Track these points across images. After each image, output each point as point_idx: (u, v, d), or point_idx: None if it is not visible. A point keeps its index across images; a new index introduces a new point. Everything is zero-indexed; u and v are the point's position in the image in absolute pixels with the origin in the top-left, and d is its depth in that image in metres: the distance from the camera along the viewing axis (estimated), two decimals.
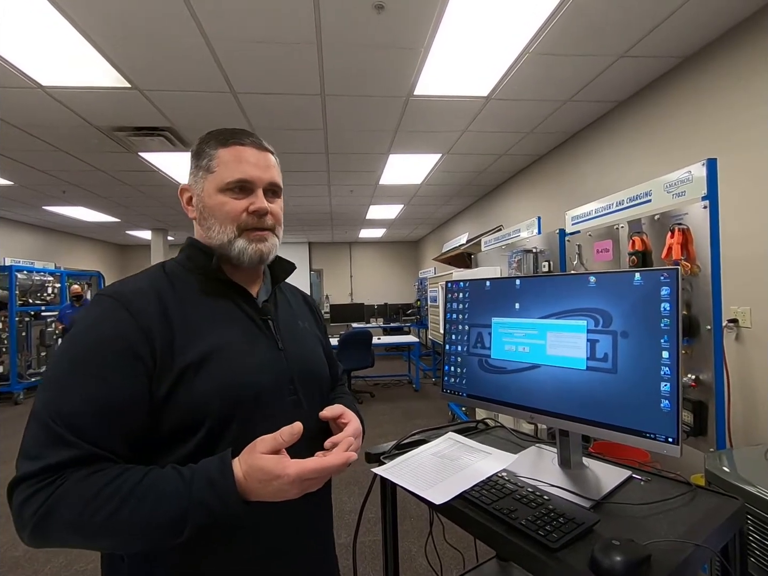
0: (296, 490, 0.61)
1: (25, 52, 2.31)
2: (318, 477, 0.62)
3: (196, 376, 0.66)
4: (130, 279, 0.74)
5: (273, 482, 0.59)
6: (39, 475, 0.56)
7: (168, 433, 0.65)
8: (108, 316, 0.65)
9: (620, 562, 0.60)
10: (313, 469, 0.60)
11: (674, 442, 0.72)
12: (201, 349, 0.68)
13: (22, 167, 4.25)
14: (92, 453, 0.58)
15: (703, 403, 1.58)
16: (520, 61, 2.52)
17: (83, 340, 0.64)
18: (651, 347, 0.76)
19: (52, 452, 0.57)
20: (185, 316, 0.70)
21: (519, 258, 2.99)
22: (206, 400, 0.66)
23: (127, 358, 0.63)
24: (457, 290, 1.12)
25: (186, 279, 0.75)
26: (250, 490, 0.60)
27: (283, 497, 0.61)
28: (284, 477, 0.58)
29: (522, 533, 0.71)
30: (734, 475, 1.12)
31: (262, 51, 2.36)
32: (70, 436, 0.58)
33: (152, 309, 0.67)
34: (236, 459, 0.62)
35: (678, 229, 1.63)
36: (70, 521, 0.55)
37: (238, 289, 0.78)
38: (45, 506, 0.55)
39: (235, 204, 0.75)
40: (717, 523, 0.73)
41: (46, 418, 0.58)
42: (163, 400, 0.64)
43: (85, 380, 0.61)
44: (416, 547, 2.35)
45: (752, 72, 2.11)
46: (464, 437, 1.11)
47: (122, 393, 0.62)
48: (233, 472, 0.59)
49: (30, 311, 6.27)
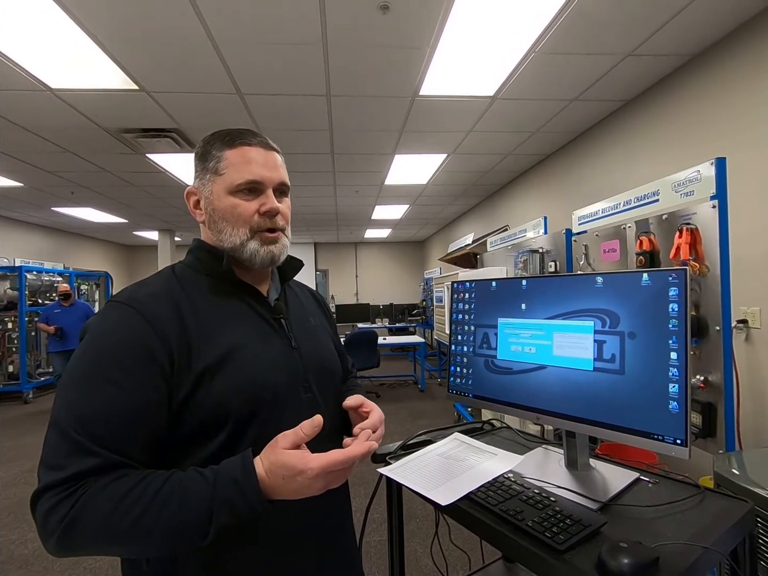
0: (320, 485, 0.60)
1: (35, 56, 2.34)
2: (342, 469, 0.61)
3: (215, 379, 0.66)
4: (142, 284, 0.74)
5: (297, 478, 0.58)
6: (62, 485, 0.56)
7: (188, 436, 0.65)
8: (123, 321, 0.65)
9: (628, 565, 0.60)
10: (337, 460, 0.59)
11: (683, 443, 0.72)
12: (218, 352, 0.68)
13: (32, 169, 4.30)
14: (114, 460, 0.58)
15: (712, 405, 1.57)
16: (526, 61, 2.51)
17: (100, 347, 0.64)
18: (659, 348, 0.75)
19: (74, 461, 0.57)
20: (199, 319, 0.70)
21: (525, 258, 2.98)
22: (226, 402, 0.66)
23: (145, 363, 0.63)
24: (463, 291, 1.12)
25: (197, 281, 0.75)
26: (273, 488, 0.59)
27: (306, 493, 0.60)
28: (308, 471, 0.57)
29: (528, 534, 0.71)
30: (743, 477, 1.10)
31: (268, 52, 2.37)
32: (91, 445, 0.58)
33: (167, 313, 0.67)
34: (258, 457, 0.61)
35: (686, 228, 1.61)
36: (96, 529, 0.55)
37: (249, 289, 0.78)
38: (69, 516, 0.55)
39: (247, 206, 0.74)
40: (726, 526, 0.72)
41: (66, 427, 0.58)
42: (182, 403, 0.64)
43: (104, 386, 0.61)
44: (422, 548, 2.34)
45: (759, 71, 2.09)
46: (470, 438, 1.11)
47: (141, 398, 0.62)
48: (255, 470, 0.59)
49: (40, 311, 6.34)
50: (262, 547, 0.69)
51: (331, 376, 0.85)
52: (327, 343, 0.90)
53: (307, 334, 0.83)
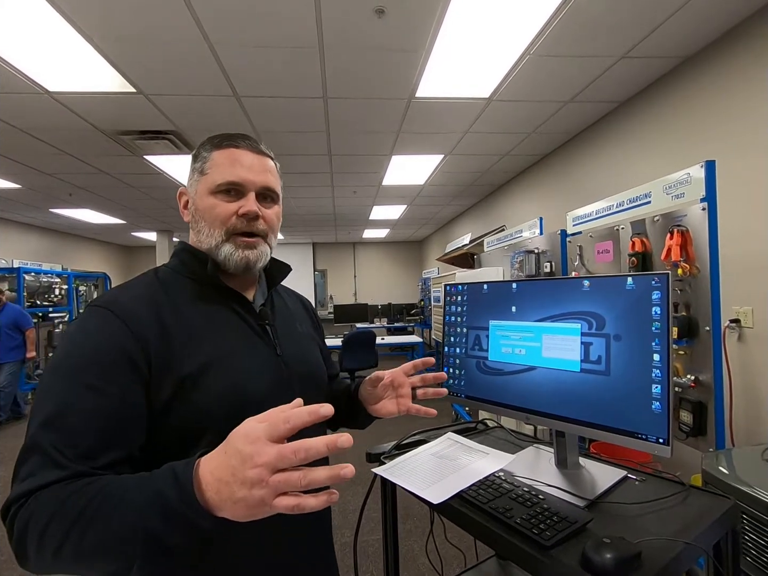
0: (267, 489, 0.44)
1: (32, 59, 2.35)
2: (295, 479, 0.44)
3: (196, 386, 0.64)
4: (123, 287, 0.72)
5: (238, 444, 0.46)
6: (25, 497, 0.53)
7: (170, 443, 0.64)
8: (102, 326, 0.64)
9: (611, 559, 0.62)
10: (293, 447, 0.45)
11: (665, 442, 0.74)
12: (200, 359, 0.66)
13: (29, 170, 4.30)
14: (80, 472, 0.55)
15: (703, 404, 1.59)
16: (521, 63, 2.53)
17: (77, 352, 0.62)
18: (642, 350, 0.78)
19: (41, 473, 0.53)
20: (181, 324, 0.68)
21: (521, 259, 3.00)
22: (206, 409, 0.64)
23: (123, 367, 0.61)
24: (456, 293, 1.14)
25: (180, 285, 0.74)
26: (217, 484, 0.47)
27: (250, 501, 0.45)
28: (251, 434, 0.46)
29: (517, 531, 0.72)
30: (731, 475, 1.13)
31: (265, 55, 2.39)
32: (58, 456, 0.54)
33: (147, 318, 0.66)
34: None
35: (677, 230, 1.64)
36: (37, 542, 0.50)
37: (234, 294, 0.76)
38: (17, 531, 0.51)
39: (225, 207, 0.73)
40: (708, 522, 0.75)
41: (36, 436, 0.56)
42: (163, 409, 0.63)
43: (81, 392, 0.58)
44: (419, 546, 2.36)
45: (748, 74, 2.11)
46: (463, 437, 1.13)
47: (118, 403, 0.60)
48: (199, 461, 0.49)
49: (38, 312, 6.34)
50: (235, 558, 0.66)
51: (317, 384, 0.85)
52: (313, 350, 0.89)
53: (293, 341, 0.82)
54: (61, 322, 6.67)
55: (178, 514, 0.47)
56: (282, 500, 0.45)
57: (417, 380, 0.85)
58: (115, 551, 0.49)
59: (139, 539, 0.47)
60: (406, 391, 0.85)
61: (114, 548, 0.49)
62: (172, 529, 0.47)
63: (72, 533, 0.49)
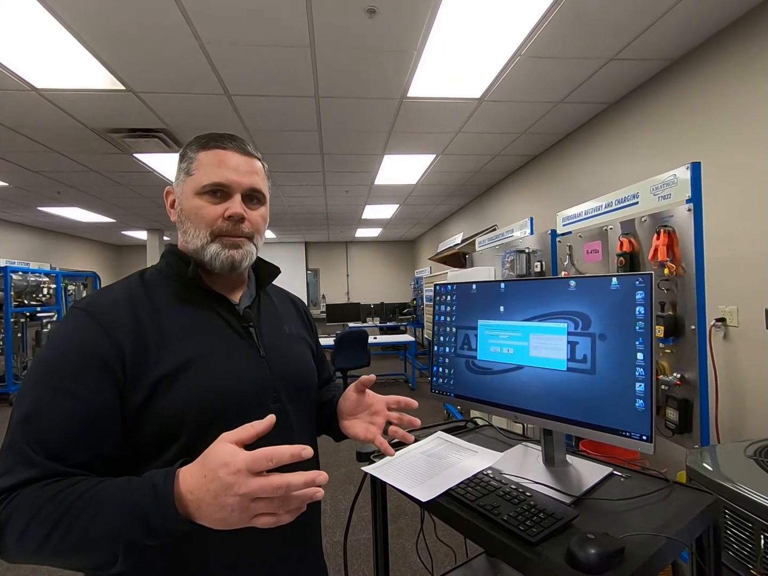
0: (242, 501, 0.49)
1: (20, 55, 2.32)
2: (273, 498, 0.50)
3: (171, 387, 0.65)
4: (106, 290, 0.73)
5: (218, 472, 0.49)
6: (2, 494, 0.55)
7: (146, 445, 0.64)
8: (78, 328, 0.65)
9: (594, 555, 0.63)
10: (263, 455, 0.50)
11: (648, 439, 0.76)
12: (176, 360, 0.66)
13: (17, 168, 4.24)
14: (54, 471, 0.57)
15: (689, 401, 1.62)
16: (511, 64, 2.54)
17: (52, 354, 0.64)
18: (626, 349, 0.79)
19: (16, 471, 0.55)
20: (160, 326, 0.68)
21: (512, 258, 3.02)
22: (181, 411, 0.65)
23: (95, 368, 0.62)
24: (445, 293, 1.15)
25: (164, 287, 0.74)
26: (193, 490, 0.51)
27: (226, 512, 0.50)
28: (231, 464, 0.49)
29: (504, 528, 0.74)
30: (714, 471, 1.15)
31: (256, 54, 2.38)
32: (33, 455, 0.56)
33: (124, 319, 0.66)
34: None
35: (664, 230, 1.66)
36: (18, 538, 0.53)
37: (217, 297, 0.76)
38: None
39: (211, 209, 0.73)
40: (690, 517, 0.76)
41: (14, 435, 0.58)
42: (138, 410, 0.63)
43: (54, 394, 0.60)
44: (410, 544, 2.38)
45: (735, 77, 2.15)
46: (453, 436, 1.14)
47: (91, 405, 0.61)
48: (179, 471, 0.53)
49: (25, 312, 6.25)
50: (219, 558, 0.66)
51: (304, 385, 0.83)
52: (302, 351, 0.88)
53: (279, 342, 0.82)
54: (49, 322, 6.58)
55: (159, 526, 0.51)
56: (260, 519, 0.51)
57: (395, 417, 0.83)
58: (96, 552, 0.53)
59: (121, 544, 0.52)
60: (380, 421, 0.82)
61: (96, 549, 0.53)
62: (154, 538, 0.52)
63: (52, 537, 0.52)
